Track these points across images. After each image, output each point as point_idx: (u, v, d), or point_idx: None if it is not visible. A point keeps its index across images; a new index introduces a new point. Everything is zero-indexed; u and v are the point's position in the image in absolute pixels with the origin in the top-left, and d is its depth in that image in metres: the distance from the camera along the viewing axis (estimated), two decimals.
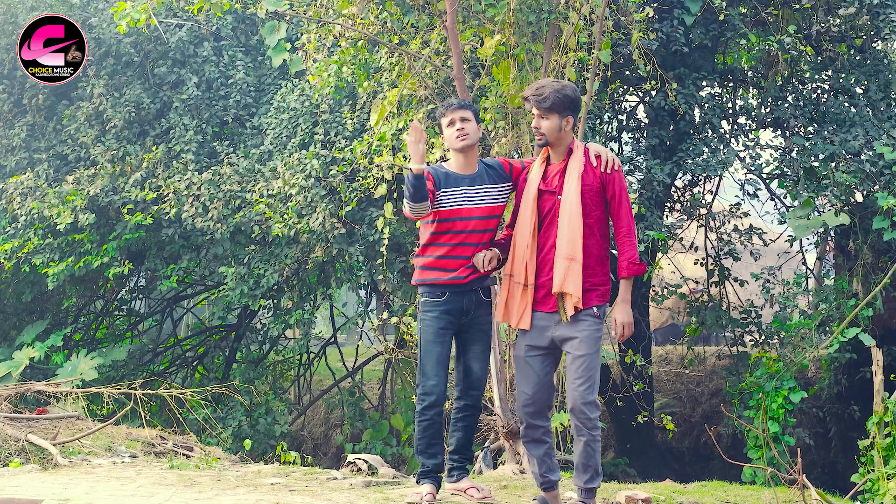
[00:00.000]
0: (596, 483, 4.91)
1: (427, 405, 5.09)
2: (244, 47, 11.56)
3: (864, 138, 9.90)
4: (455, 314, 5.12)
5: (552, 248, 4.91)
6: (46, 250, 10.87)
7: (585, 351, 4.81)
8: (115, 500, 5.11)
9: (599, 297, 4.89)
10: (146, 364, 13.39)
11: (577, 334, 4.83)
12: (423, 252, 5.16)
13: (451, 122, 5.15)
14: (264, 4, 8.22)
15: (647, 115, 11.37)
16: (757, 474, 9.07)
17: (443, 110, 5.19)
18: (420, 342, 5.15)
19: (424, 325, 5.12)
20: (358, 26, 8.10)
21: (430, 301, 5.11)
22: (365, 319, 11.41)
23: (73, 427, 7.46)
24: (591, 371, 4.79)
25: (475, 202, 5.10)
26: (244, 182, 10.30)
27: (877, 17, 10.20)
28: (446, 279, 5.08)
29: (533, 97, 4.92)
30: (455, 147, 5.17)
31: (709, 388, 14.10)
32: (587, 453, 4.83)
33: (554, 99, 4.87)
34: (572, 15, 7.40)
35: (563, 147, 4.98)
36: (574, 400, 4.79)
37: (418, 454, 5.19)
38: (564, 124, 4.93)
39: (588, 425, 4.79)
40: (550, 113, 4.89)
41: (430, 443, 5.14)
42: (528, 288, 4.94)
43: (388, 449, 11.94)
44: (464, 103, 5.21)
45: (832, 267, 13.32)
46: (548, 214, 4.96)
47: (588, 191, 4.89)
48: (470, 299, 5.13)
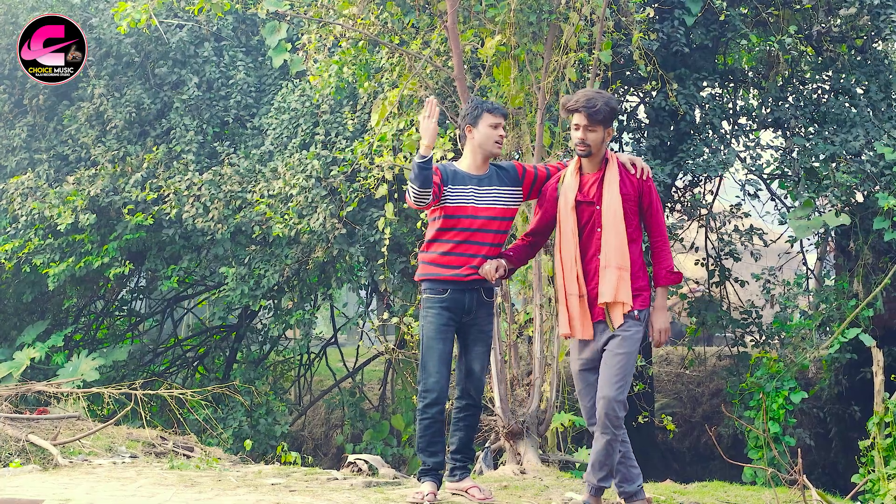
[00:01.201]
0: (608, 483, 4.92)
1: (429, 402, 5.09)
2: (245, 48, 11.56)
3: (865, 139, 9.90)
4: (457, 311, 5.12)
5: (592, 258, 4.92)
6: (47, 250, 10.87)
7: (625, 350, 4.83)
8: (115, 500, 5.11)
9: (642, 303, 4.92)
10: (147, 364, 13.39)
11: (619, 333, 4.86)
12: (428, 248, 5.17)
13: (497, 126, 5.14)
14: (265, 5, 8.23)
15: (647, 116, 11.37)
16: (757, 475, 9.07)
17: (490, 109, 5.13)
18: (422, 339, 5.15)
19: (426, 322, 5.12)
20: (358, 26, 8.10)
21: (432, 297, 5.11)
22: (365, 320, 11.41)
23: (74, 427, 7.46)
24: (626, 370, 4.81)
25: (482, 202, 5.10)
26: (245, 182, 10.31)
27: (877, 18, 10.20)
28: (449, 275, 5.08)
29: (584, 109, 4.84)
30: (490, 150, 5.16)
31: (709, 388, 14.10)
32: (607, 451, 4.84)
33: (605, 111, 4.84)
34: (573, 15, 7.40)
35: (600, 157, 4.96)
36: (606, 397, 4.79)
37: (419, 452, 5.19)
38: (607, 136, 4.92)
39: (615, 423, 4.79)
40: (599, 125, 4.86)
41: (431, 441, 5.13)
42: (584, 298, 4.95)
43: (389, 449, 11.93)
44: (506, 112, 5.23)
45: (833, 267, 13.31)
46: (587, 225, 4.95)
47: (627, 200, 4.90)
48: (472, 298, 5.13)
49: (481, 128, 5.13)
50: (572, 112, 4.91)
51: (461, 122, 5.21)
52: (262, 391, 11.27)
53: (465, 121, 5.17)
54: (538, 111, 7.31)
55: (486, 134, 5.13)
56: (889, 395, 7.59)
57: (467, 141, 5.20)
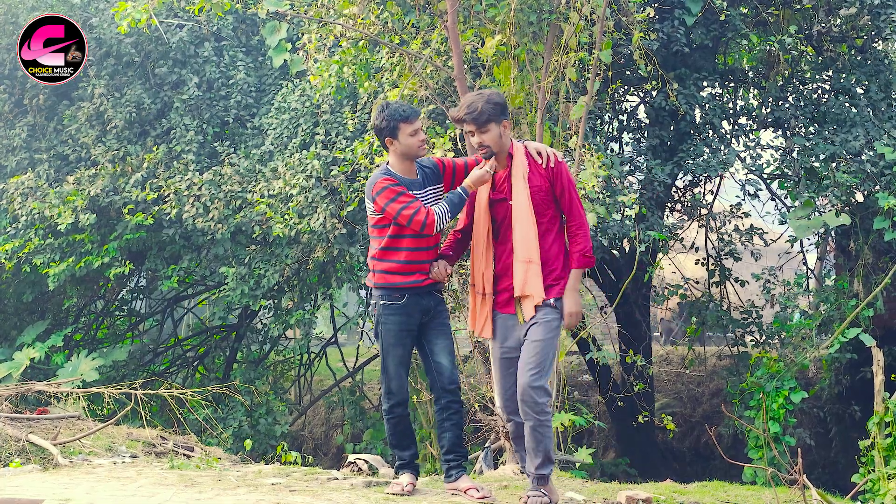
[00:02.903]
0: (547, 469, 4.97)
1: (394, 404, 5.25)
2: (245, 47, 11.56)
3: (865, 138, 9.90)
4: (416, 314, 5.20)
5: (511, 253, 5.00)
6: (47, 250, 10.87)
7: (540, 336, 4.90)
8: (115, 500, 5.11)
9: (559, 291, 4.97)
10: (147, 364, 13.39)
11: (537, 320, 4.93)
12: (383, 256, 5.18)
13: (416, 132, 5.14)
14: (265, 5, 8.22)
15: (647, 116, 11.37)
16: (757, 474, 9.07)
17: (404, 118, 5.10)
18: (382, 344, 5.26)
19: (386, 329, 5.20)
20: (359, 26, 8.10)
21: (390, 304, 5.18)
22: (365, 319, 11.40)
23: (74, 427, 7.45)
24: (542, 356, 4.87)
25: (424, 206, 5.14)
26: (245, 182, 10.30)
27: (877, 18, 10.20)
28: (409, 283, 5.15)
29: (468, 116, 4.94)
30: (416, 155, 5.18)
31: (709, 388, 14.10)
32: (535, 438, 4.91)
33: (488, 111, 4.91)
34: (573, 15, 7.40)
35: (504, 152, 5.04)
36: (521, 384, 4.88)
37: (393, 449, 5.37)
38: (502, 130, 4.98)
39: (535, 409, 4.86)
40: (488, 124, 4.94)
41: (401, 437, 5.32)
42: (487, 297, 5.09)
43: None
44: (419, 111, 5.25)
45: (833, 267, 13.32)
46: (503, 222, 5.05)
47: (537, 192, 4.98)
48: (429, 299, 5.23)
49: (402, 139, 5.13)
50: (459, 123, 5.02)
51: (379, 136, 5.19)
52: (262, 391, 11.27)
53: (384, 134, 5.15)
54: (538, 111, 7.31)
55: (407, 144, 5.14)
56: (889, 395, 7.59)
57: (391, 151, 5.20)
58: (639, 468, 11.68)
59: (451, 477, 5.30)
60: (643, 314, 12.08)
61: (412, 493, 5.22)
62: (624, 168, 10.11)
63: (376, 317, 5.23)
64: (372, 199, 5.13)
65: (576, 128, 7.67)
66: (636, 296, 11.71)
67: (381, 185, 5.09)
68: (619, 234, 9.67)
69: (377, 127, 5.19)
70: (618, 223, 9.64)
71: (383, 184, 5.09)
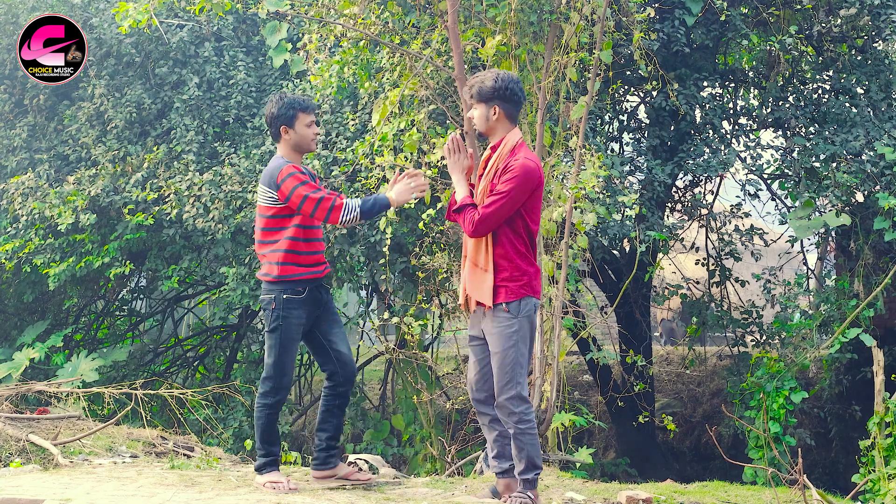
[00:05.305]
0: (530, 475, 4.99)
1: (279, 399, 5.25)
2: (245, 48, 11.55)
3: (865, 139, 9.90)
4: (314, 307, 5.18)
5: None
6: (47, 250, 10.87)
7: (498, 348, 4.92)
8: (115, 500, 5.11)
9: (508, 294, 4.90)
10: (147, 364, 13.39)
11: (492, 331, 4.95)
12: (289, 247, 5.10)
13: (311, 123, 5.14)
14: (265, 5, 8.23)
15: (648, 116, 11.38)
16: (758, 474, 9.07)
17: (304, 108, 5.10)
18: (279, 340, 5.13)
19: (287, 323, 5.11)
20: (359, 26, 8.09)
21: (292, 299, 5.10)
22: (366, 319, 11.39)
23: (74, 427, 7.45)
24: (506, 367, 4.89)
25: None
26: (245, 182, 10.30)
27: (878, 18, 10.21)
28: (309, 274, 5.13)
29: (468, 85, 5.00)
30: (309, 148, 5.19)
31: (710, 388, 14.11)
32: (518, 446, 4.95)
33: (480, 89, 4.92)
34: (574, 15, 7.40)
35: (495, 138, 5.04)
36: (496, 396, 4.95)
37: (266, 444, 5.24)
38: (491, 114, 4.97)
39: (513, 419, 4.91)
40: (478, 102, 4.96)
41: (273, 433, 5.27)
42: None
43: (389, 449, 11.93)
44: (318, 105, 5.27)
45: (833, 267, 13.33)
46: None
47: (491, 192, 4.98)
48: (324, 292, 5.24)
49: (298, 128, 5.12)
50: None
51: (273, 123, 5.15)
52: None
53: (279, 121, 5.11)
54: (539, 111, 7.31)
55: (303, 134, 5.13)
56: (889, 395, 7.60)
57: (283, 142, 5.16)
58: (639, 468, 11.68)
59: (329, 465, 5.30)
60: (643, 314, 12.09)
61: (296, 490, 5.14)
62: (624, 168, 10.11)
63: (274, 311, 5.10)
64: (276, 186, 5.03)
65: (576, 128, 7.67)
66: (636, 296, 11.72)
67: (288, 170, 5.02)
68: (620, 235, 9.66)
69: (273, 115, 5.14)
70: (618, 223, 9.64)
71: (290, 170, 5.02)
